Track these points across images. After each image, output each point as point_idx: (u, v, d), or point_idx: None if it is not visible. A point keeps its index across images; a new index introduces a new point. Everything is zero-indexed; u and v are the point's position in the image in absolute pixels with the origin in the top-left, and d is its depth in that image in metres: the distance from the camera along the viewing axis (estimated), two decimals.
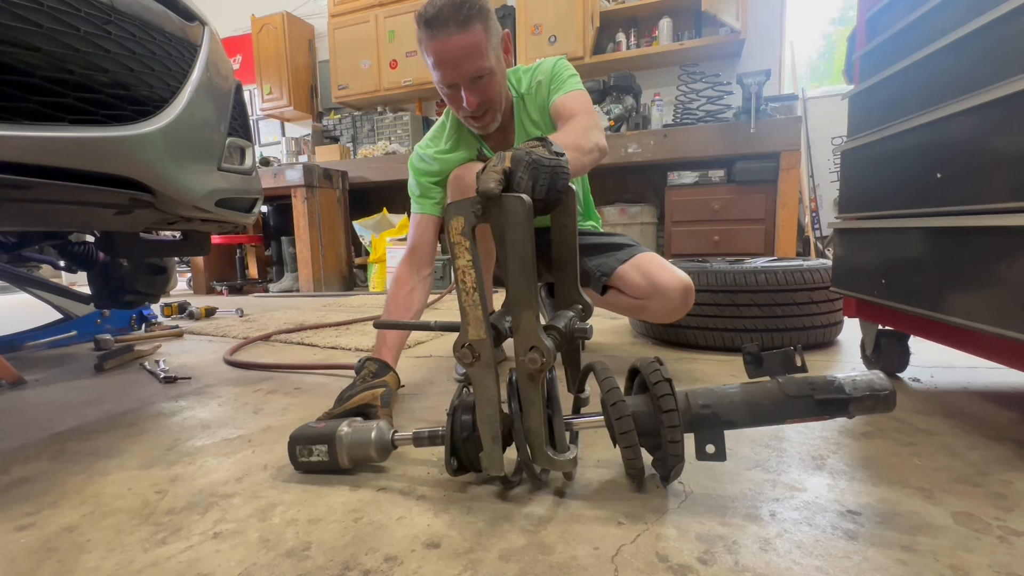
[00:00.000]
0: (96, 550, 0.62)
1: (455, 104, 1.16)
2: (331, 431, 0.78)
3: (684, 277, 1.21)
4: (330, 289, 4.04)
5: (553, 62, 1.26)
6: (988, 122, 0.79)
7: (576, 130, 1.08)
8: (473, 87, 1.10)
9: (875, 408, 0.63)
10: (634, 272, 1.26)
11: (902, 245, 1.02)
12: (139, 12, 0.95)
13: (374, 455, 0.78)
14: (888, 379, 0.64)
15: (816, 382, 0.65)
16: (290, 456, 0.80)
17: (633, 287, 1.26)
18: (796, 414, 0.65)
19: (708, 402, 0.67)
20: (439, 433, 0.75)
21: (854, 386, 0.63)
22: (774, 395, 0.66)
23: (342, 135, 4.94)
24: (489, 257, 1.32)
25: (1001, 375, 1.22)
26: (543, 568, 0.56)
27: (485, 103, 1.13)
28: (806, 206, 3.60)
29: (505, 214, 0.64)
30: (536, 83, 1.25)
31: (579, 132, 1.07)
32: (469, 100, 1.10)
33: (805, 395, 0.64)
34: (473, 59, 1.06)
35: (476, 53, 1.06)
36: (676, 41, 3.79)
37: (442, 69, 1.08)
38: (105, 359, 1.56)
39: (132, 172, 0.91)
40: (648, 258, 1.29)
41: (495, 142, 1.29)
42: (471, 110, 1.13)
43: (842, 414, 0.64)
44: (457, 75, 1.08)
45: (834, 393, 0.63)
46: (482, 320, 0.66)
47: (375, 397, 0.94)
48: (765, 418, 0.66)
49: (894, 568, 0.54)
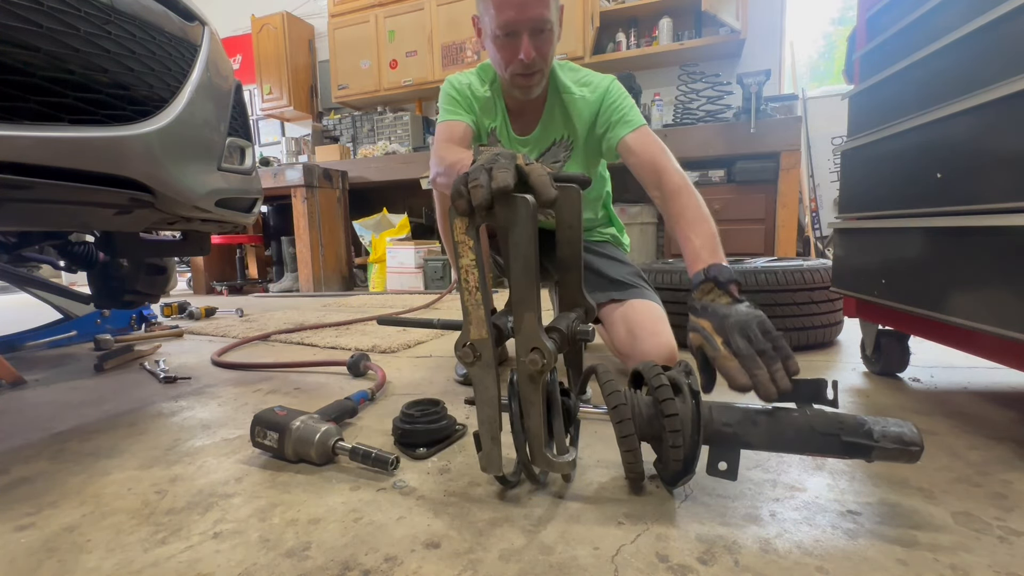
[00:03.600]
0: (96, 550, 0.62)
1: (509, 55, 1.10)
2: (286, 422, 0.83)
3: (669, 345, 1.14)
4: (330, 289, 4.04)
5: (608, 81, 1.24)
6: (988, 122, 0.79)
7: (701, 218, 0.97)
8: (534, 39, 1.07)
9: (899, 459, 0.62)
10: (621, 323, 1.22)
11: (902, 245, 1.02)
12: (139, 12, 0.95)
13: (313, 456, 0.82)
14: (919, 433, 0.62)
15: (845, 422, 0.63)
16: (250, 433, 0.87)
17: (615, 336, 1.23)
18: (817, 449, 0.64)
19: (730, 420, 0.66)
20: (372, 454, 0.78)
21: (883, 434, 0.62)
22: (799, 426, 0.64)
23: (342, 135, 4.94)
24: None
25: (1001, 375, 1.22)
26: (543, 568, 0.56)
27: (540, 60, 1.10)
28: (806, 206, 3.60)
29: (511, 213, 0.64)
30: (582, 94, 1.22)
31: (704, 217, 0.97)
32: (527, 51, 1.07)
33: (832, 433, 0.63)
34: (540, 5, 1.04)
35: (543, 1, 1.04)
36: (676, 41, 3.79)
37: (506, 11, 1.04)
38: (105, 359, 1.56)
39: (132, 172, 0.91)
40: (642, 310, 1.21)
41: (520, 123, 1.26)
42: (527, 61, 1.08)
43: (863, 457, 0.63)
44: (521, 19, 1.04)
45: (862, 438, 0.62)
46: (484, 320, 0.66)
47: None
48: (784, 446, 0.65)
49: (894, 568, 0.54)
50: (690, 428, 0.65)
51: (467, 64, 4.35)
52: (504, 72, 1.15)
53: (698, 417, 0.65)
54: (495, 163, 0.64)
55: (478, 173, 0.63)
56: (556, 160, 1.28)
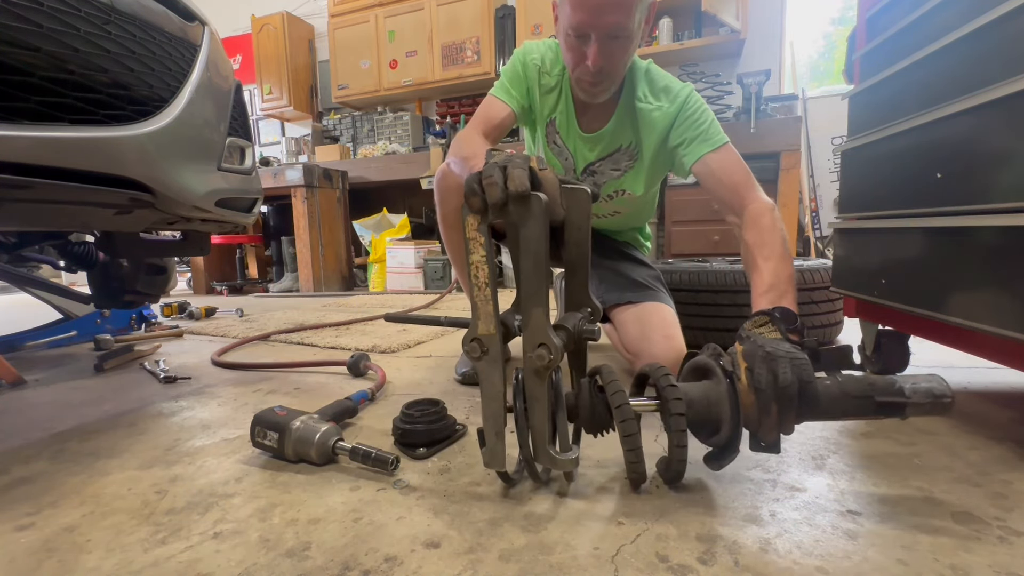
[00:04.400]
0: (96, 550, 0.62)
1: (575, 58, 1.03)
2: (286, 422, 0.83)
3: (680, 349, 1.13)
4: (330, 289, 4.04)
5: (686, 92, 1.13)
6: (988, 122, 0.79)
7: (781, 256, 0.92)
8: (605, 46, 0.98)
9: (932, 412, 0.64)
10: (634, 323, 1.20)
11: (902, 245, 1.02)
12: (139, 12, 0.95)
13: (313, 456, 0.81)
14: (948, 384, 0.64)
15: (876, 383, 0.65)
16: (250, 433, 0.87)
17: (626, 335, 1.22)
18: (854, 412, 0.65)
19: None
20: (372, 454, 0.78)
21: (914, 390, 0.63)
22: (833, 394, 0.65)
23: (342, 135, 4.94)
24: None
25: (1001, 375, 1.22)
26: (543, 568, 0.56)
27: (609, 70, 1.02)
28: (806, 206, 3.60)
29: (524, 210, 0.65)
30: (658, 105, 1.14)
31: (782, 248, 0.93)
32: (595, 59, 0.99)
33: (866, 396, 0.64)
34: (619, 12, 0.94)
35: (624, 7, 0.94)
36: (676, 41, 3.79)
37: (581, 13, 0.95)
38: (105, 359, 1.56)
39: (132, 172, 0.91)
40: (655, 312, 1.20)
41: (587, 119, 1.20)
42: (592, 70, 1.01)
43: (897, 415, 0.64)
44: (595, 24, 0.95)
45: (895, 396, 0.63)
46: (492, 315, 0.67)
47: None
48: (821, 414, 0.66)
49: (894, 568, 0.54)
50: (729, 408, 0.66)
51: (467, 64, 4.35)
52: (571, 72, 1.10)
53: (735, 396, 0.66)
54: (509, 162, 0.64)
55: (492, 171, 0.63)
56: (617, 168, 1.23)
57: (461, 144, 1.07)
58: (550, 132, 1.26)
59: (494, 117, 1.16)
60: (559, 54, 1.15)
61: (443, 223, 1.29)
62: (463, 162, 0.99)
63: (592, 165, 1.25)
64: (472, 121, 1.17)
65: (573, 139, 1.24)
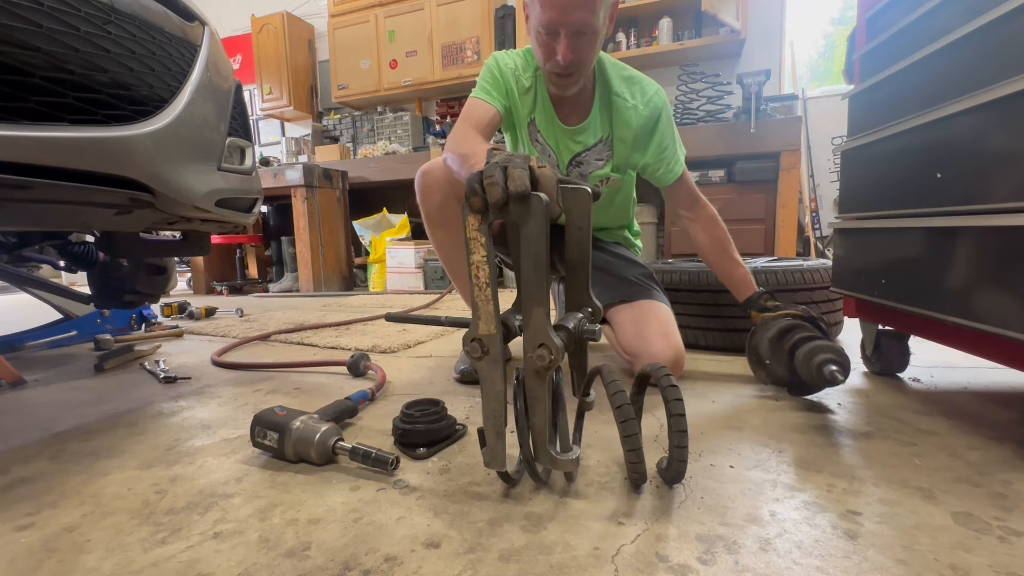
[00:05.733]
0: (96, 550, 0.62)
1: (546, 53, 1.11)
2: (286, 422, 0.84)
3: (677, 347, 1.16)
4: (330, 289, 4.04)
5: (660, 101, 1.23)
6: (988, 122, 0.79)
7: (734, 254, 1.26)
8: (572, 42, 1.06)
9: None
10: (630, 323, 1.22)
11: (902, 245, 1.02)
12: (139, 12, 0.95)
13: (313, 456, 0.81)
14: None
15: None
16: (250, 433, 0.87)
17: (623, 335, 1.23)
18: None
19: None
20: (372, 454, 0.78)
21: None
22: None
23: (342, 135, 4.94)
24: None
25: (1001, 375, 1.22)
26: (543, 568, 0.56)
27: (577, 63, 1.09)
28: (806, 206, 3.60)
29: (524, 210, 0.65)
30: (634, 104, 1.22)
31: (733, 252, 1.26)
32: (564, 54, 1.07)
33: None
34: (583, 10, 1.03)
35: (589, 6, 1.03)
36: (676, 41, 3.79)
37: (550, 11, 1.04)
38: (105, 359, 1.56)
39: (132, 172, 0.91)
40: (651, 311, 1.22)
41: (565, 114, 1.26)
42: (562, 65, 1.09)
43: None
44: (563, 21, 1.04)
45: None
46: (493, 315, 0.67)
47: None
48: None
49: (894, 568, 0.54)
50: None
51: (467, 64, 4.35)
52: (543, 66, 1.16)
53: None
54: (510, 162, 0.65)
55: (493, 171, 0.64)
56: (600, 158, 1.28)
57: (458, 142, 1.08)
58: (532, 132, 1.29)
59: (483, 117, 1.18)
60: (528, 60, 1.25)
61: (427, 221, 1.29)
62: (462, 160, 1.00)
63: (577, 156, 1.29)
64: (461, 121, 1.18)
65: (556, 134, 1.27)
